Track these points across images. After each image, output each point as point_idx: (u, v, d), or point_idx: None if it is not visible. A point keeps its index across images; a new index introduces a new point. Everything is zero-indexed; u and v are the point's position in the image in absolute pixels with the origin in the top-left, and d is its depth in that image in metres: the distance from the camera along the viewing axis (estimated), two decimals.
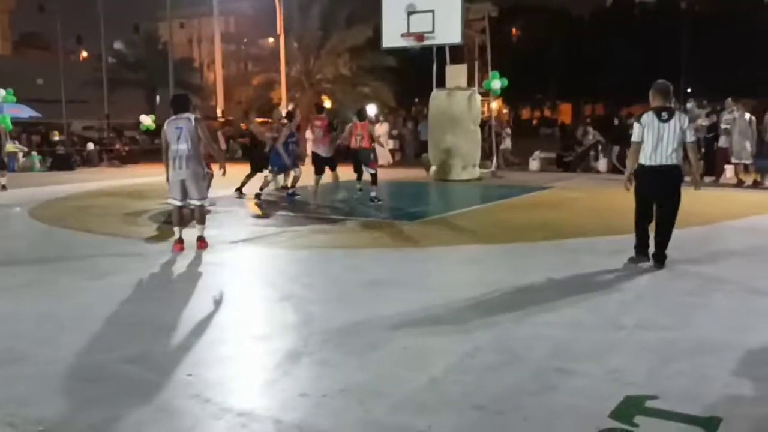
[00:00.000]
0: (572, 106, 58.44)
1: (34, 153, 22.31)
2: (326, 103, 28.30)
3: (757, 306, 5.27)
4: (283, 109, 27.57)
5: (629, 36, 45.44)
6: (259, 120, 35.62)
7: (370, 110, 17.00)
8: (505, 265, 6.76)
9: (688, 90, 37.55)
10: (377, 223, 10.45)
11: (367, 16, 24.28)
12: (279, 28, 27.40)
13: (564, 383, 3.72)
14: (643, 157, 6.43)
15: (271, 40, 32.42)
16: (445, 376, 3.87)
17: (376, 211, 11.44)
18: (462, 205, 11.94)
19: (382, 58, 25.91)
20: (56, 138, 25.09)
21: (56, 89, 30.45)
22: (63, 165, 21.78)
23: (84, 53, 53.79)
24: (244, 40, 35.71)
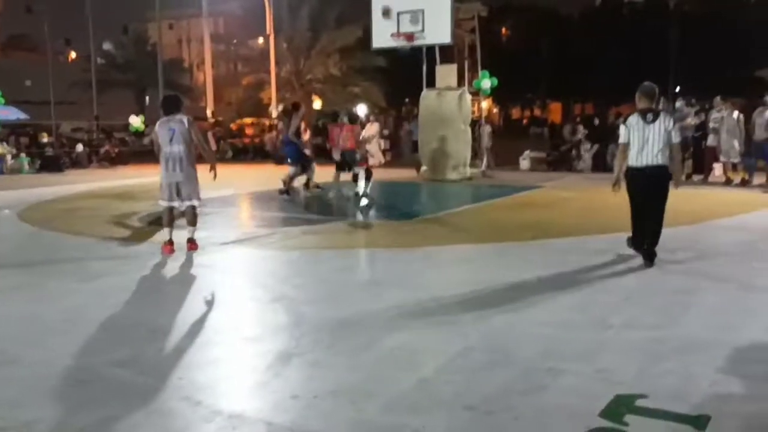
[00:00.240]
0: (562, 106, 58.61)
1: (23, 155, 22.15)
2: (317, 104, 28.33)
3: (746, 304, 5.32)
4: (274, 110, 27.67)
5: (618, 35, 45.62)
6: (249, 120, 35.67)
7: (361, 110, 17.03)
8: (496, 265, 6.79)
9: (677, 89, 37.76)
10: (368, 223, 10.47)
11: (356, 17, 24.31)
12: (269, 29, 27.41)
13: (554, 383, 3.75)
14: (631, 159, 6.57)
15: (261, 40, 32.40)
16: (437, 376, 3.89)
17: (367, 212, 11.46)
18: (452, 205, 11.97)
19: (372, 59, 25.96)
20: (45, 140, 24.94)
21: (45, 91, 30.28)
22: (52, 167, 21.65)
23: (72, 54, 53.59)
24: (234, 40, 35.60)
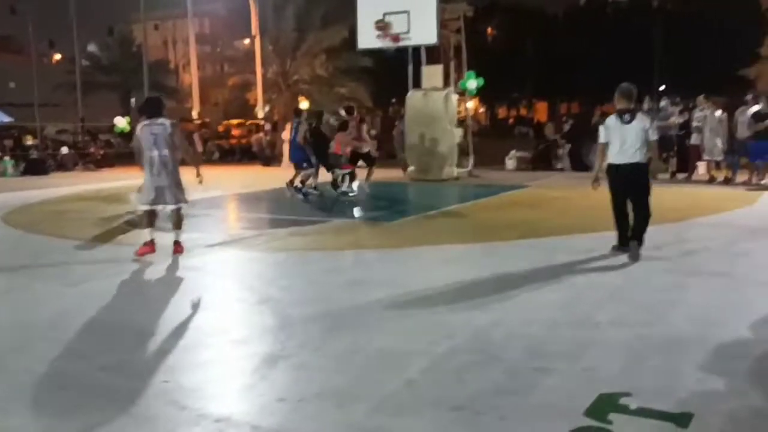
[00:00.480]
0: (548, 105, 58.88)
1: (7, 158, 21.96)
2: (303, 104, 28.29)
3: (729, 300, 5.36)
4: (261, 111, 27.61)
5: (603, 35, 45.90)
6: (235, 122, 35.54)
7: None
8: (482, 265, 6.81)
9: (661, 88, 38.01)
10: (355, 224, 10.46)
11: (342, 17, 24.29)
12: (254, 29, 27.32)
13: (540, 382, 3.77)
14: (611, 157, 6.87)
15: (247, 41, 32.30)
16: (423, 377, 3.89)
17: (354, 212, 11.46)
18: (439, 205, 11.98)
19: (358, 59, 25.92)
20: (29, 142, 24.74)
21: (29, 93, 30.03)
22: (37, 169, 21.50)
23: (57, 56, 53.13)
24: (219, 41, 35.47)
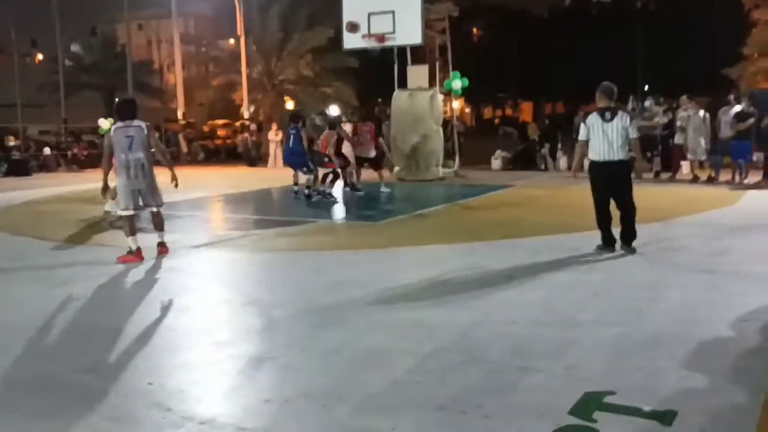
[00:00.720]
0: (533, 105, 59.05)
1: None
2: (289, 104, 28.20)
3: (710, 299, 5.40)
4: (246, 111, 27.49)
5: (588, 35, 46.13)
6: (220, 122, 35.30)
7: (333, 111, 17.04)
8: (466, 265, 6.81)
9: (646, 87, 38.29)
10: (341, 224, 10.47)
11: (327, 17, 24.24)
12: (239, 30, 27.21)
13: (524, 381, 3.78)
14: (593, 154, 6.99)
15: (232, 41, 32.16)
16: (408, 377, 3.89)
17: (340, 213, 11.47)
18: (425, 205, 11.99)
19: (343, 59, 25.87)
20: (12, 143, 24.48)
21: (11, 93, 29.80)
22: (19, 171, 21.34)
23: (39, 56, 52.64)
24: (204, 41, 35.25)
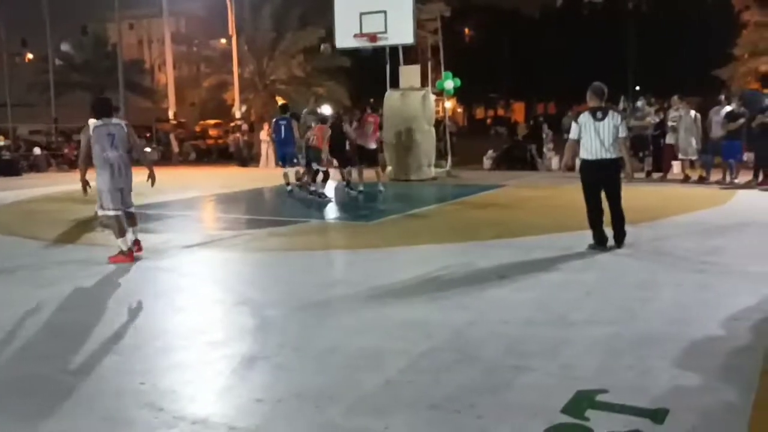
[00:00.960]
0: (525, 105, 59.20)
1: None
2: (283, 103, 28.18)
3: (701, 298, 5.42)
4: (237, 111, 27.44)
5: (579, 36, 46.32)
6: (212, 122, 35.22)
7: (325, 110, 17.06)
8: (459, 264, 6.82)
9: (637, 88, 38.46)
10: (333, 224, 10.46)
11: (319, 17, 24.22)
12: (231, 29, 27.15)
13: (517, 380, 3.79)
14: (585, 153, 7.14)
15: (223, 41, 32.08)
16: (401, 376, 3.89)
17: (332, 213, 11.46)
18: (417, 205, 12.00)
19: (336, 59, 25.88)
20: (1, 143, 24.34)
21: (1, 92, 29.62)
22: (9, 170, 21.22)
23: (30, 55, 52.32)
24: (195, 41, 35.15)
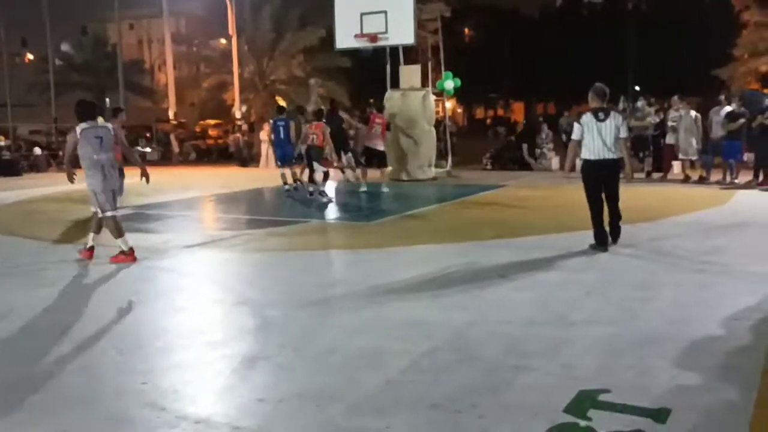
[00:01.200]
0: (525, 105, 59.17)
1: None
2: (281, 104, 28.17)
3: (701, 298, 5.43)
4: (237, 111, 27.44)
5: (578, 36, 46.30)
6: (212, 122, 35.23)
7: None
8: (459, 264, 6.82)
9: (636, 88, 38.45)
10: (333, 224, 10.46)
11: (319, 17, 24.22)
12: (231, 29, 27.14)
13: (518, 380, 3.79)
14: (587, 153, 7.21)
15: (223, 41, 32.07)
16: (402, 376, 3.90)
17: (332, 213, 11.46)
18: (417, 206, 12.00)
19: (335, 59, 25.86)
20: (1, 143, 24.36)
21: (1, 93, 29.61)
22: (9, 171, 21.23)
23: (30, 56, 52.28)
24: (195, 41, 35.14)
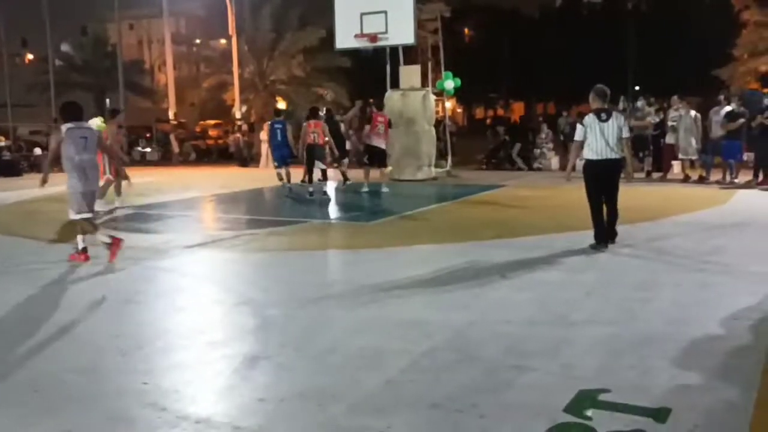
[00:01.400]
0: (525, 105, 59.15)
1: None
2: (281, 104, 28.17)
3: (701, 298, 5.44)
4: (237, 112, 27.44)
5: (578, 36, 46.28)
6: (212, 122, 35.22)
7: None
8: (459, 265, 6.83)
9: (636, 88, 38.45)
10: (333, 224, 10.47)
11: (319, 17, 24.22)
12: (231, 29, 27.14)
13: (519, 380, 3.80)
14: (589, 153, 7.25)
15: (223, 41, 32.08)
16: (402, 376, 3.90)
17: (332, 213, 11.47)
18: (417, 205, 11.99)
19: (335, 59, 25.86)
20: (2, 143, 24.38)
21: (1, 93, 29.61)
22: (10, 171, 21.22)
23: (29, 56, 52.27)
24: (195, 41, 35.16)
